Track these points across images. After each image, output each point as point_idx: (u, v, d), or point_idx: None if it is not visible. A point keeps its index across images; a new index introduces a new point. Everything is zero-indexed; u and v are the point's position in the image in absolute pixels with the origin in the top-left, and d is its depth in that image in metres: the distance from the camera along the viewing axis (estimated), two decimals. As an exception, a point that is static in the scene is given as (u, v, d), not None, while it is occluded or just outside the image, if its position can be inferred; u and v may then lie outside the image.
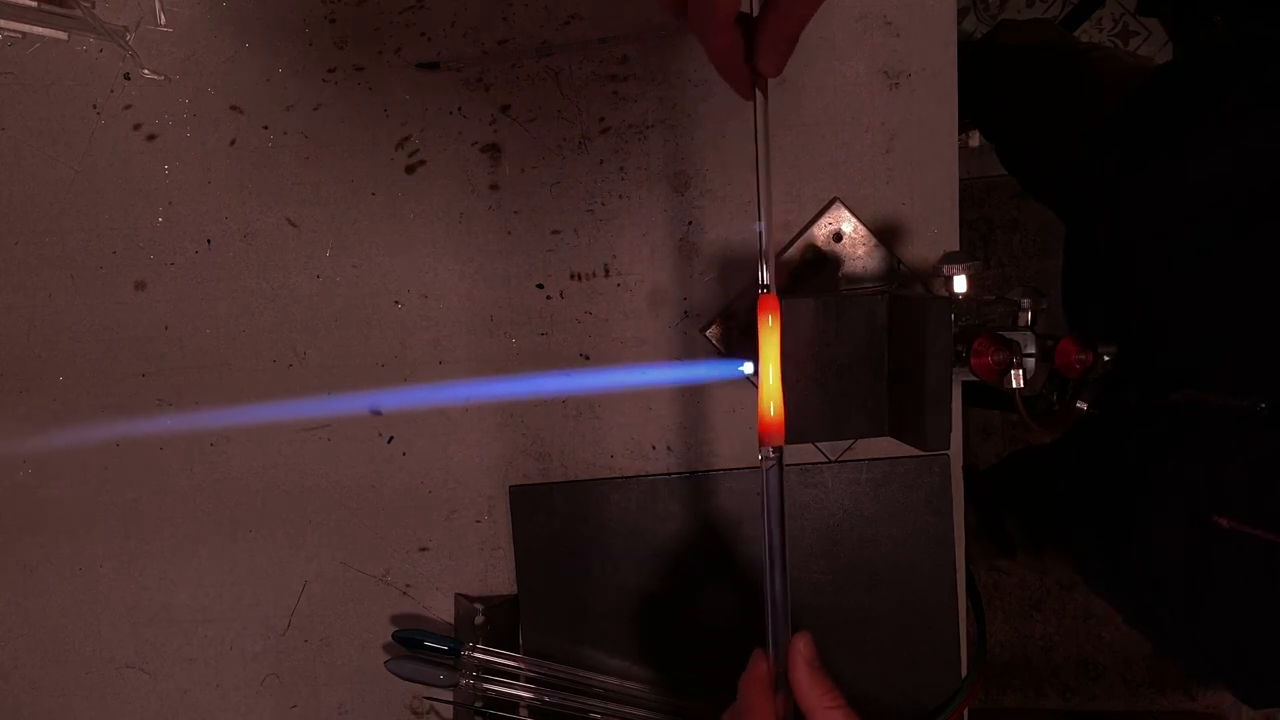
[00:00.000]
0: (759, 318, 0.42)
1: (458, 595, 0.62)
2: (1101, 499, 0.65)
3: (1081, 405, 0.55)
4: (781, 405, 0.43)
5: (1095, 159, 0.70)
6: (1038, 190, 0.89)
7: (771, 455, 0.43)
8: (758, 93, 0.41)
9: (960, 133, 0.62)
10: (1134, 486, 0.60)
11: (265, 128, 0.59)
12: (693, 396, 0.61)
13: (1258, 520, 0.49)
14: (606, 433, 0.61)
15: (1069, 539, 0.79)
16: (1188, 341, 0.53)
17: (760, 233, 0.43)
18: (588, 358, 0.61)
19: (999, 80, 0.86)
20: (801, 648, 0.43)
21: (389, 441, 0.61)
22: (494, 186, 0.60)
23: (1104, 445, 0.64)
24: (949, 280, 0.51)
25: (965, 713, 0.63)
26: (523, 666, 0.60)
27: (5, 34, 0.58)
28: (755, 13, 0.38)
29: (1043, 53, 0.85)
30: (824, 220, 0.60)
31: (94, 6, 0.58)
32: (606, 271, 0.60)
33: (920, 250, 0.60)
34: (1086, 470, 0.67)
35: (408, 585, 0.62)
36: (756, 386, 0.60)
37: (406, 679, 0.59)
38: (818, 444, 0.61)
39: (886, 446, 0.60)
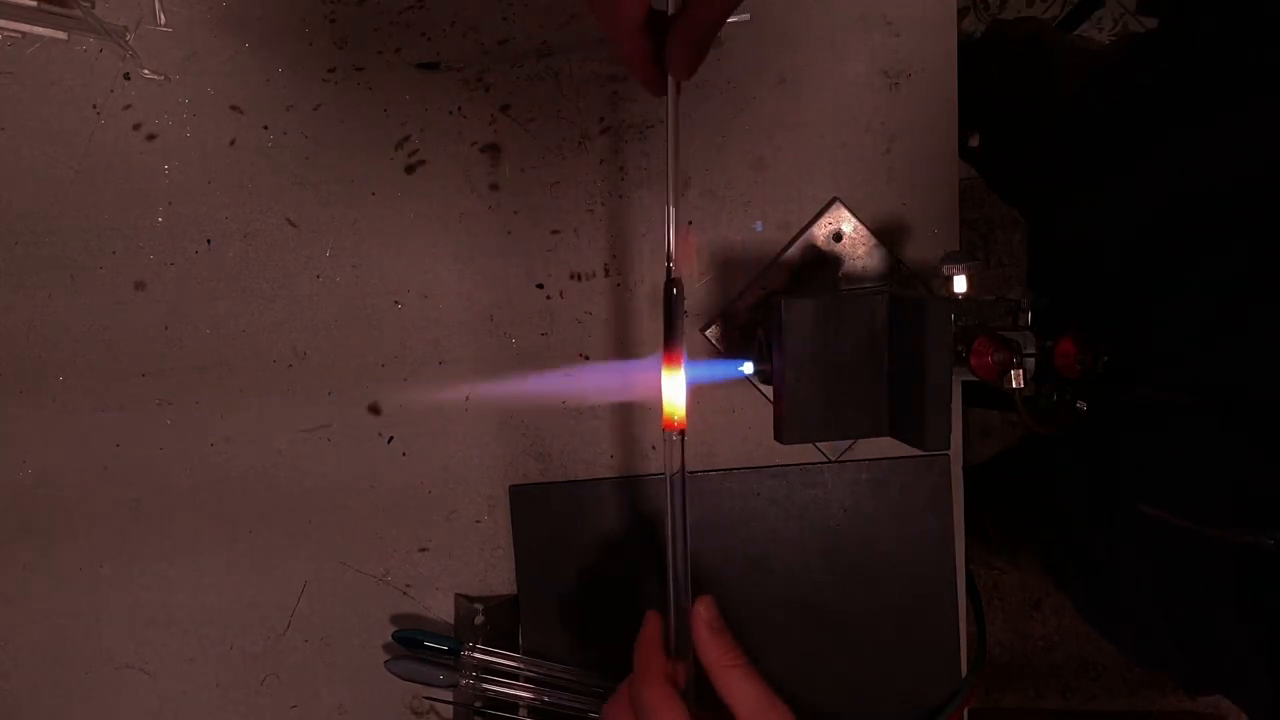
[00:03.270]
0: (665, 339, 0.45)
1: (458, 595, 0.62)
2: (1060, 496, 0.66)
3: (1081, 405, 0.55)
4: (683, 385, 0.46)
5: (1056, 153, 0.70)
6: (1007, 188, 0.89)
7: (675, 436, 0.45)
8: (670, 90, 0.41)
9: (962, 133, 0.62)
10: (1083, 481, 0.60)
11: (265, 128, 0.59)
12: (692, 396, 0.61)
13: (1180, 509, 0.49)
14: (606, 433, 0.61)
15: (1037, 537, 0.79)
16: (1132, 336, 0.54)
17: (667, 222, 0.44)
18: (588, 358, 0.61)
19: (979, 77, 0.86)
20: (702, 611, 0.44)
21: (389, 441, 0.61)
22: (494, 186, 0.60)
23: (1063, 444, 0.64)
24: (949, 280, 0.51)
25: (965, 713, 0.63)
26: (523, 666, 0.60)
27: (5, 34, 0.58)
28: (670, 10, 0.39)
29: (1022, 48, 0.85)
30: (824, 220, 0.60)
31: (94, 6, 0.58)
32: (606, 271, 0.60)
33: (920, 250, 0.60)
34: (1048, 468, 0.68)
35: (408, 585, 0.62)
36: (757, 385, 0.60)
37: (406, 679, 0.59)
38: (818, 444, 0.61)
39: (886, 446, 0.60)
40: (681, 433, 0.45)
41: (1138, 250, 0.55)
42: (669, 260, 0.45)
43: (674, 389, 0.45)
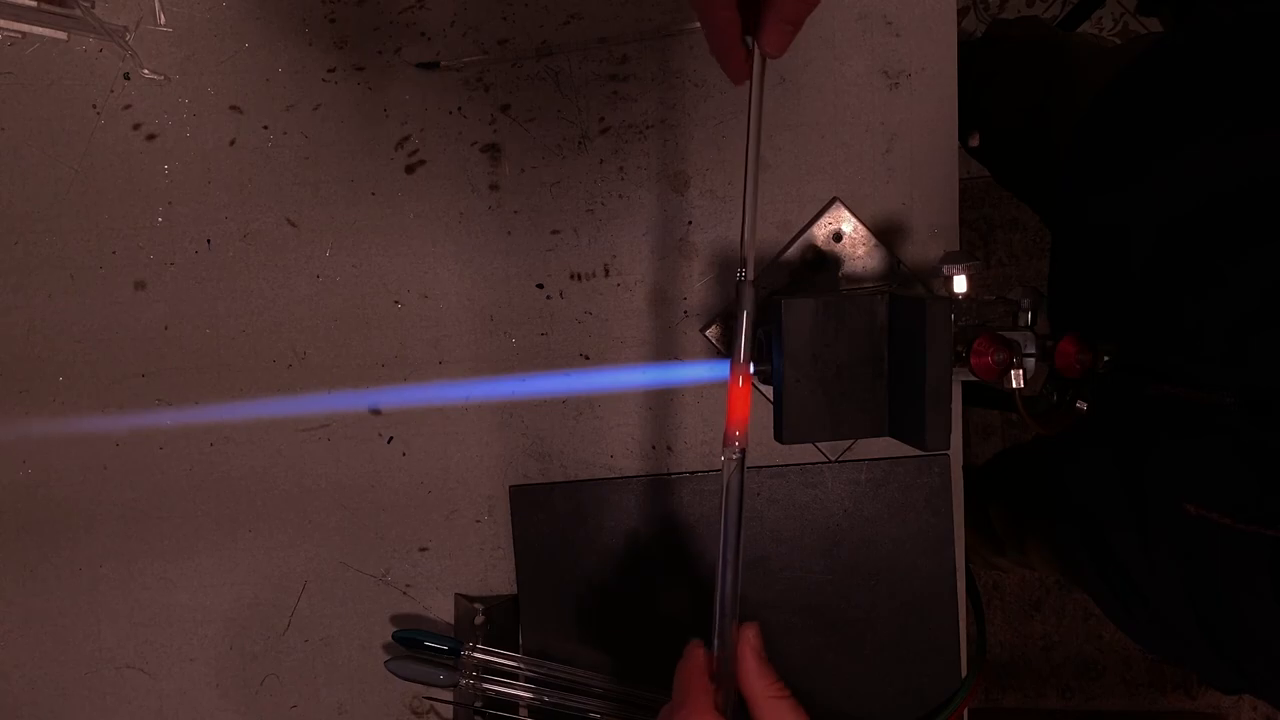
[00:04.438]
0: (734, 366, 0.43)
1: (458, 595, 0.62)
2: (1080, 493, 0.66)
3: (1081, 405, 0.55)
4: (748, 399, 0.44)
5: (1081, 150, 0.70)
6: (1017, 186, 0.89)
7: (735, 454, 0.44)
8: (753, 74, 0.42)
9: (962, 132, 0.62)
10: (1109, 479, 0.60)
11: (265, 128, 0.59)
12: (692, 396, 0.61)
13: (1225, 508, 0.49)
14: (606, 433, 0.61)
15: (1052, 534, 0.79)
16: (1167, 336, 0.53)
17: (744, 223, 0.43)
18: (588, 358, 0.61)
19: (980, 76, 0.86)
20: (751, 637, 0.43)
21: (389, 441, 0.61)
22: (494, 186, 0.60)
23: (1084, 441, 0.64)
24: (949, 280, 0.51)
25: (965, 713, 0.63)
26: (523, 666, 0.60)
27: (5, 34, 0.58)
28: None
29: (1026, 46, 0.85)
30: (824, 220, 0.60)
31: (94, 6, 0.58)
32: (606, 271, 0.60)
33: (920, 250, 0.60)
34: (1066, 465, 0.68)
35: (408, 585, 0.62)
36: (757, 385, 0.60)
37: (406, 679, 0.59)
38: (818, 444, 0.61)
39: (886, 446, 0.60)
40: (743, 451, 0.44)
41: (1172, 247, 0.55)
42: (744, 265, 0.44)
43: (740, 401, 0.44)
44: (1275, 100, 0.50)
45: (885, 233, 0.60)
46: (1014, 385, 0.49)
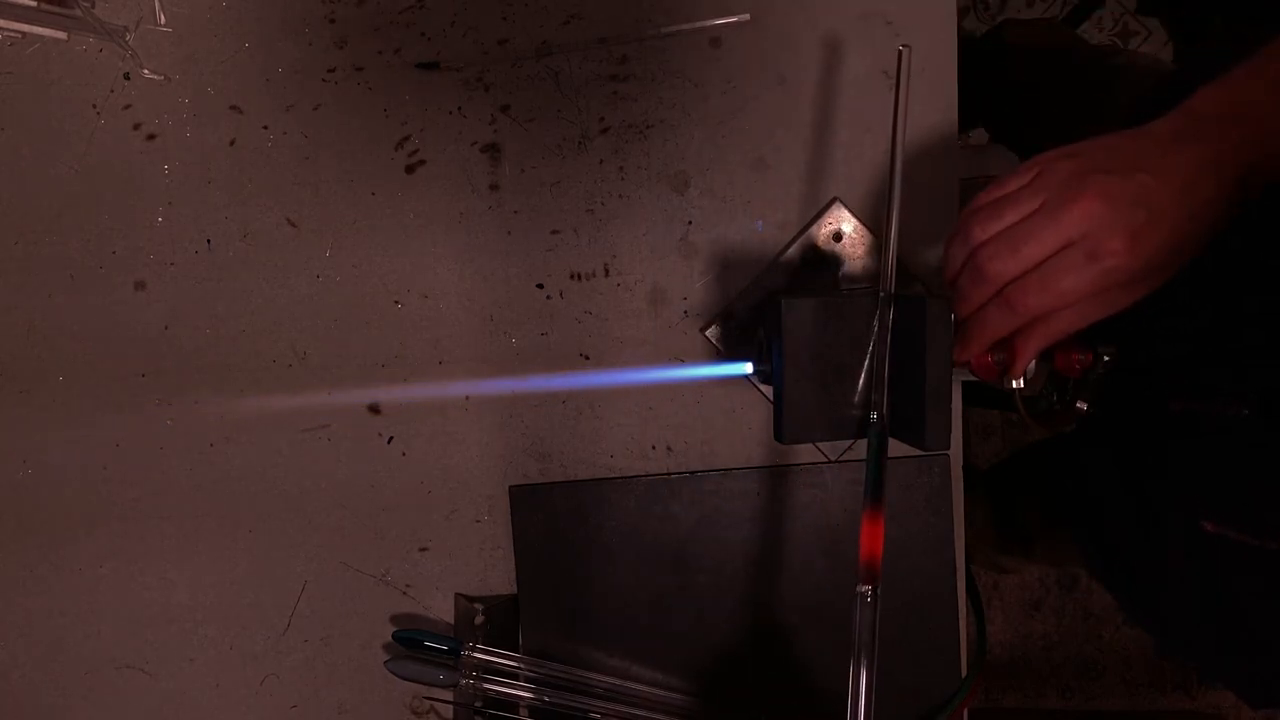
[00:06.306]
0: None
1: (458, 595, 0.62)
2: (1104, 501, 0.65)
3: (1081, 405, 0.55)
4: (881, 537, 0.44)
5: None
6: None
7: (868, 594, 0.44)
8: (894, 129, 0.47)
9: (962, 132, 0.62)
10: (1133, 491, 0.60)
11: (265, 128, 0.59)
12: (692, 396, 0.61)
13: (1243, 525, 0.49)
14: (606, 433, 0.61)
15: (1063, 539, 0.79)
16: (1190, 348, 0.53)
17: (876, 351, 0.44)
18: (588, 358, 0.61)
19: (1017, 83, 0.86)
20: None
21: (389, 441, 0.61)
22: (494, 186, 0.60)
23: (1109, 448, 0.64)
24: (949, 280, 0.51)
25: (965, 713, 0.63)
26: (523, 666, 0.60)
27: (5, 34, 0.58)
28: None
29: (1061, 56, 0.85)
30: (824, 220, 0.60)
31: (94, 6, 0.58)
32: (606, 271, 0.60)
33: (920, 250, 0.60)
34: (1091, 471, 0.68)
35: (408, 585, 0.62)
36: (757, 385, 0.60)
37: (406, 679, 0.59)
38: (818, 444, 0.61)
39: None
40: (875, 590, 0.44)
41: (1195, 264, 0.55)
42: (878, 406, 0.47)
43: (873, 538, 0.44)
44: None
45: (885, 233, 0.60)
46: (1014, 385, 0.49)
